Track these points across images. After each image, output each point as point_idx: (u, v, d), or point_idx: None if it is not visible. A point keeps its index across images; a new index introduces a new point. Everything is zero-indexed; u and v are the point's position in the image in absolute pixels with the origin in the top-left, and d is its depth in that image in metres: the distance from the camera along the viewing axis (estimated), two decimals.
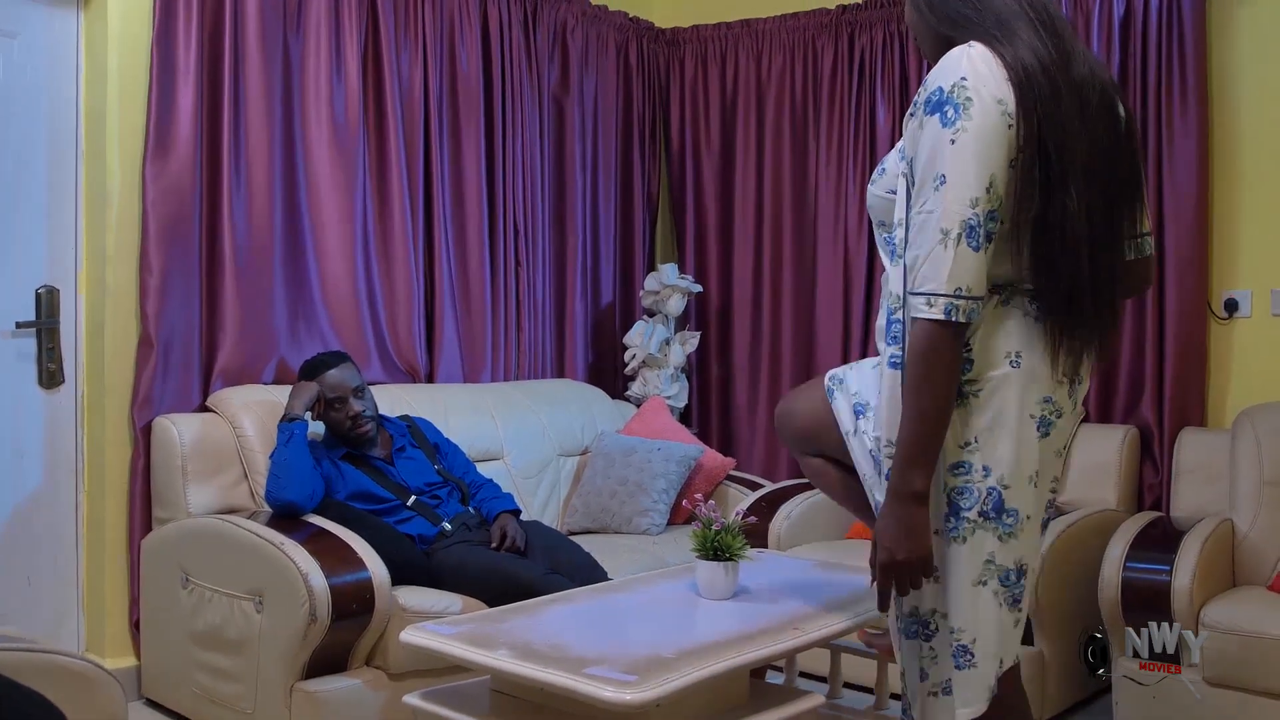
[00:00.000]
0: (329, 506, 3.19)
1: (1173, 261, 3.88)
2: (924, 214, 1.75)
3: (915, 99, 1.84)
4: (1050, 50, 1.79)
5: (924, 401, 1.77)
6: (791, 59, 4.82)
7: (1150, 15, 3.89)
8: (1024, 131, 1.75)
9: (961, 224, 1.72)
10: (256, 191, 3.63)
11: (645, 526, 4.01)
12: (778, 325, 4.87)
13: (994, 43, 1.79)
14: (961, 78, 1.75)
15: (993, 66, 1.76)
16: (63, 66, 3.39)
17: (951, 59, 1.78)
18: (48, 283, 3.37)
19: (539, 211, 4.55)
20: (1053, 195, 1.77)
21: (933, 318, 1.74)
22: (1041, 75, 1.77)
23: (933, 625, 1.90)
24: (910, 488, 1.79)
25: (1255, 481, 3.47)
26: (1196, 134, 3.83)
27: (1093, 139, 1.82)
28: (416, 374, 4.09)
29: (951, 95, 1.74)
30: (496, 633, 2.26)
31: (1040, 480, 1.87)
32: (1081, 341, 1.88)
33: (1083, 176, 1.79)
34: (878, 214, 2.03)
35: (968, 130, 1.72)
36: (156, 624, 3.28)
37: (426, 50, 4.09)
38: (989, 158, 1.73)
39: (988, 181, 1.73)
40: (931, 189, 1.75)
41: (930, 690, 1.92)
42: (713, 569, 2.53)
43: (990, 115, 1.73)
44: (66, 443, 3.41)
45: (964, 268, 1.73)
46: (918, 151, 1.79)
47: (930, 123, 1.76)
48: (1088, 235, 1.81)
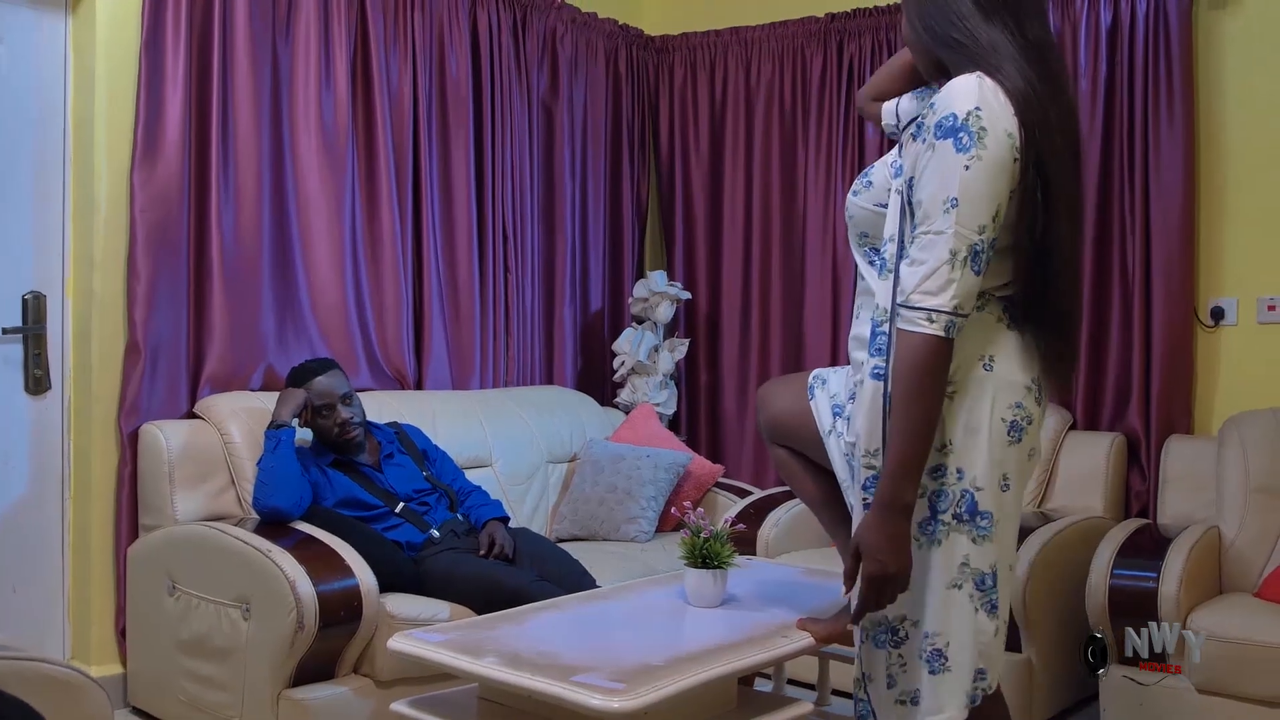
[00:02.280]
0: (317, 513, 3.19)
1: (1159, 270, 3.90)
2: (932, 234, 1.79)
3: (921, 120, 1.86)
4: (1037, 83, 1.83)
5: (919, 413, 1.80)
6: (780, 67, 4.83)
7: (1137, 25, 3.91)
8: (1023, 163, 1.80)
9: (969, 248, 1.77)
10: (245, 198, 3.62)
11: (633, 534, 4.01)
12: (766, 332, 4.88)
13: (994, 73, 1.82)
14: (976, 107, 1.78)
15: (1001, 99, 1.80)
16: (50, 72, 3.38)
17: (965, 87, 1.81)
18: (35, 288, 3.36)
19: (528, 218, 4.55)
20: (1051, 221, 1.85)
21: (934, 333, 1.78)
22: (1037, 107, 1.81)
23: (902, 633, 1.91)
24: (902, 500, 1.81)
25: (1241, 489, 3.48)
26: (1183, 143, 3.85)
27: (1075, 167, 1.92)
28: (405, 381, 4.09)
29: (966, 123, 1.77)
30: (484, 640, 2.26)
31: (1013, 483, 1.90)
32: (1051, 349, 1.94)
33: (1066, 202, 1.87)
34: (860, 225, 2.07)
35: (982, 159, 1.77)
36: (143, 631, 3.27)
37: (416, 57, 4.09)
38: (998, 188, 1.78)
39: (994, 210, 1.78)
40: (942, 211, 1.78)
41: (898, 698, 1.93)
42: (701, 576, 2.53)
43: (1002, 147, 1.78)
44: (53, 449, 3.40)
45: (965, 289, 1.78)
46: (925, 173, 1.81)
47: (943, 147, 1.79)
48: (1072, 256, 1.92)
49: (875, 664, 1.96)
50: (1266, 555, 3.39)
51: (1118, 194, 3.99)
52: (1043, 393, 1.96)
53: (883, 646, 1.94)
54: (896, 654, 1.92)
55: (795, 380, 2.31)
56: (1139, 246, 3.93)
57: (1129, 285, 3.97)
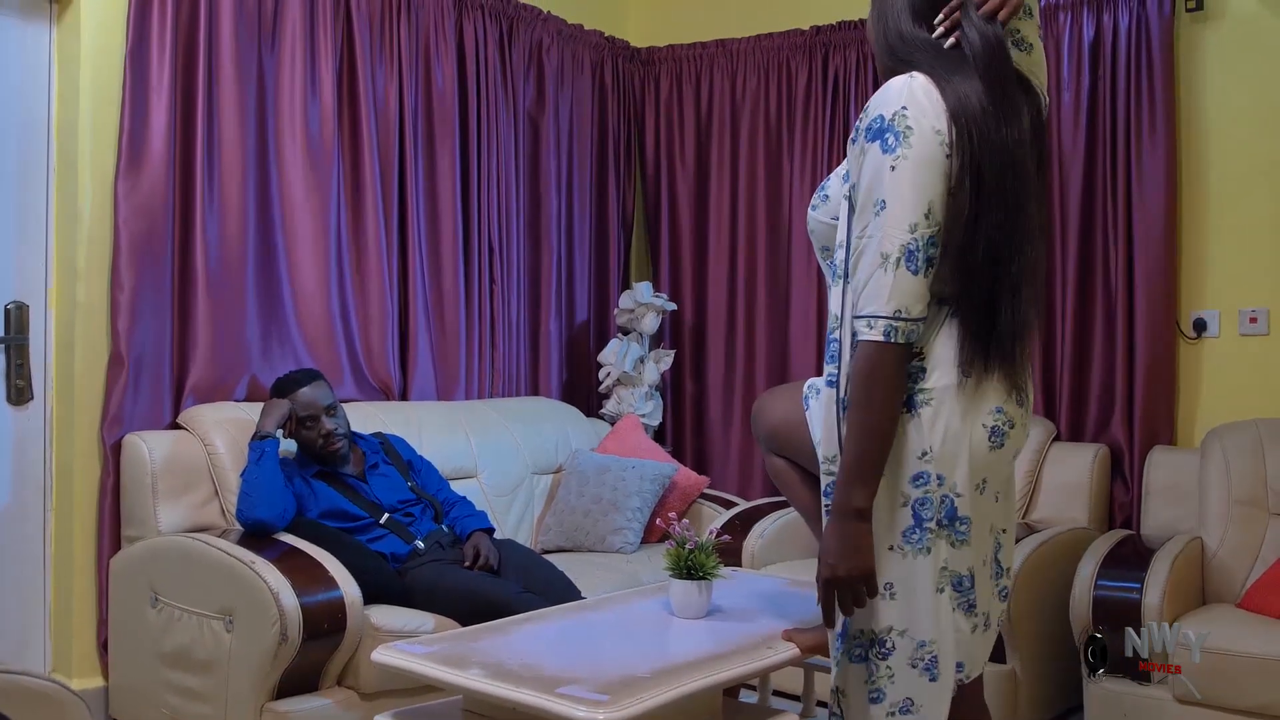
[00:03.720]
0: (301, 525, 3.18)
1: (1142, 281, 3.92)
2: (865, 238, 1.81)
3: (857, 124, 1.88)
4: (984, 99, 1.82)
5: (866, 420, 1.81)
6: (766, 79, 4.85)
7: (1119, 39, 3.94)
8: (956, 160, 1.80)
9: (901, 248, 1.77)
10: (229, 208, 3.61)
11: (619, 545, 4.01)
12: (752, 343, 4.88)
13: (936, 76, 1.84)
14: (903, 107, 1.80)
15: (933, 98, 1.81)
16: (35, 81, 3.37)
17: (893, 88, 1.83)
18: (17, 298, 3.34)
19: (514, 229, 4.55)
20: (978, 221, 1.81)
21: (873, 339, 1.79)
22: (980, 117, 1.81)
23: (889, 644, 1.90)
24: (852, 504, 1.82)
25: (1224, 500, 3.50)
26: (1165, 155, 3.88)
27: (1021, 174, 1.86)
28: (390, 391, 4.08)
29: (892, 123, 1.79)
30: (469, 652, 2.25)
31: (988, 487, 1.90)
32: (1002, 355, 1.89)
33: (1004, 206, 1.83)
34: (820, 239, 2.09)
35: (907, 158, 1.78)
36: (125, 644, 3.24)
37: (402, 67, 4.10)
38: (927, 185, 1.78)
39: (926, 208, 1.78)
40: (872, 214, 1.80)
41: (889, 711, 1.92)
42: (686, 588, 2.53)
43: (929, 145, 1.79)
44: (34, 460, 3.38)
45: (902, 290, 1.77)
46: (860, 177, 1.84)
47: (871, 149, 1.81)
48: (1005, 258, 1.85)
49: (854, 679, 1.95)
50: (1249, 566, 3.41)
51: (1100, 207, 4.01)
52: (1025, 395, 1.96)
53: (859, 661, 1.93)
54: (885, 665, 1.91)
55: (792, 389, 2.33)
56: (1121, 258, 3.95)
57: (1112, 297, 3.99)
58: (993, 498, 1.94)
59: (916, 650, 1.89)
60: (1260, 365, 3.82)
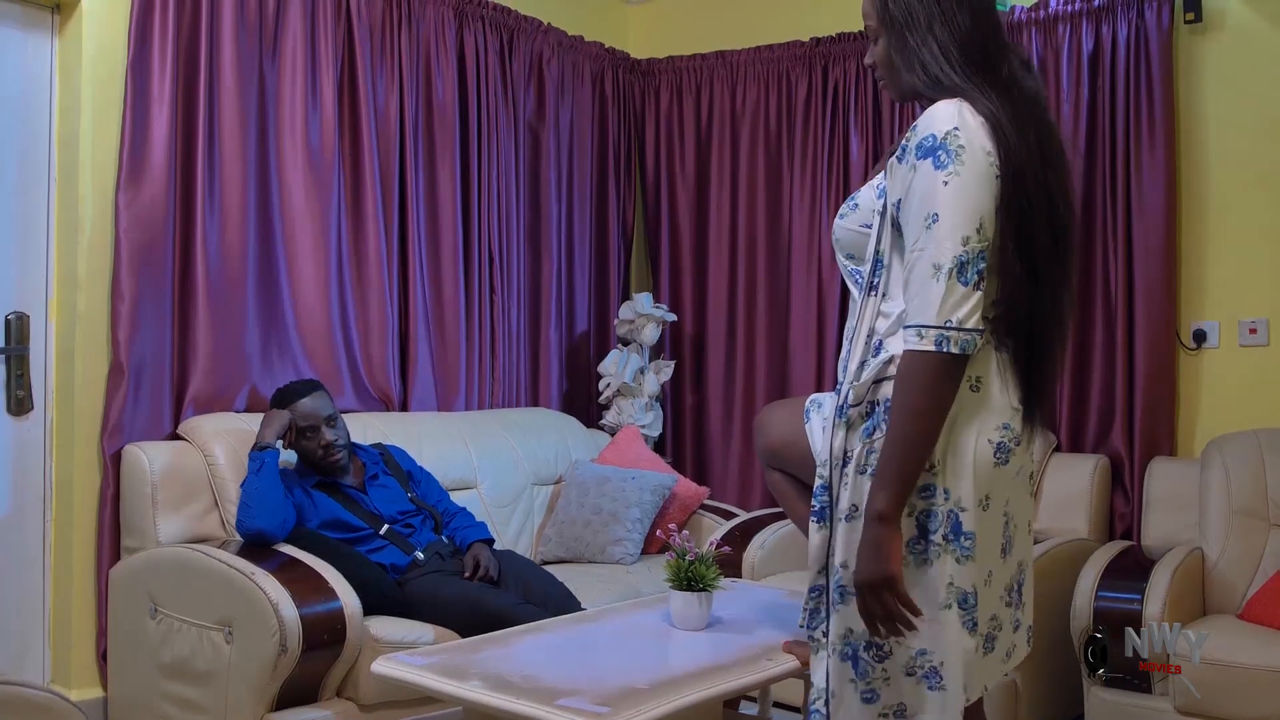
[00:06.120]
0: (301, 535, 3.17)
1: (1141, 292, 3.92)
2: (916, 251, 1.83)
3: (904, 143, 1.91)
4: (1010, 121, 1.88)
5: (905, 427, 1.82)
6: (766, 90, 4.86)
7: (1118, 50, 3.95)
8: (1003, 179, 1.85)
9: (953, 259, 1.79)
10: (230, 218, 3.61)
11: (619, 556, 4.00)
12: (752, 354, 4.88)
13: (972, 100, 1.88)
14: (954, 127, 1.84)
15: (978, 121, 1.86)
16: (36, 91, 3.38)
17: (945, 110, 1.87)
18: (18, 309, 3.35)
19: (514, 240, 4.56)
20: (1030, 241, 1.88)
21: (923, 349, 1.80)
22: (1011, 137, 1.86)
23: (886, 647, 1.90)
24: (875, 507, 1.83)
25: (1224, 511, 3.50)
26: (1164, 166, 3.89)
27: (1051, 198, 1.94)
28: (390, 402, 4.08)
29: (945, 142, 1.83)
30: (469, 663, 2.25)
31: (993, 504, 1.90)
32: (1031, 370, 1.96)
33: (1044, 226, 1.91)
34: (847, 247, 2.11)
35: (960, 174, 1.81)
36: (124, 655, 3.24)
37: (402, 78, 4.10)
38: (979, 200, 1.82)
39: (978, 222, 1.81)
40: (924, 228, 1.82)
41: (881, 712, 1.92)
42: (686, 599, 2.52)
43: (980, 163, 1.83)
44: (35, 471, 3.38)
45: (954, 302, 1.79)
46: (908, 194, 1.87)
47: (923, 166, 1.84)
48: (1048, 277, 1.93)
49: (839, 678, 1.95)
50: (1249, 577, 3.40)
51: (1100, 217, 4.01)
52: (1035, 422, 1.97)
53: (849, 660, 1.93)
54: (880, 668, 1.91)
55: (793, 404, 2.35)
56: (1121, 269, 3.96)
57: (1112, 308, 3.99)
58: (1003, 519, 1.94)
59: (913, 658, 1.89)
60: (1260, 376, 3.82)
